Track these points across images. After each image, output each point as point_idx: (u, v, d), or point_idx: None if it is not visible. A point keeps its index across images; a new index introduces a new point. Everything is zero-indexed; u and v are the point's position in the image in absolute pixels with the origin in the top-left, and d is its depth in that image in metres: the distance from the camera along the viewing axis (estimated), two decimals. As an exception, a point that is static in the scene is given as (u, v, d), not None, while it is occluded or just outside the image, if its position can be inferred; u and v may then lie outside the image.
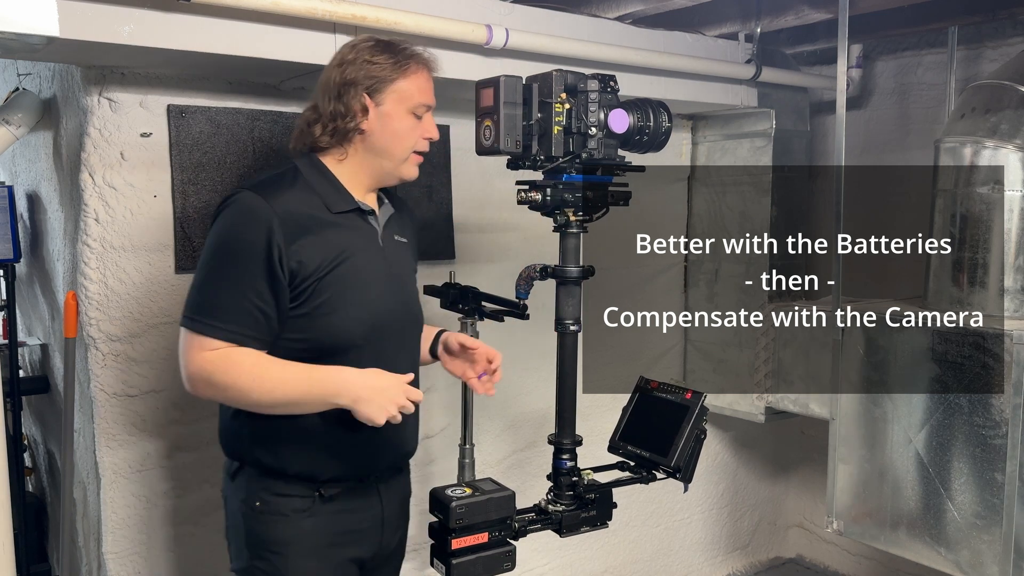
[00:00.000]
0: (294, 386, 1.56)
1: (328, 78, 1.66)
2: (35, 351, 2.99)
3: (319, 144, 1.67)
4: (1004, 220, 2.41)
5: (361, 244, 1.67)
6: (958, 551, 2.39)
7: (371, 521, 1.73)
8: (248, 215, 1.56)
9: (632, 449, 1.92)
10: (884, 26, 2.96)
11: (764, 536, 3.94)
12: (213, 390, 1.56)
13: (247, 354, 1.55)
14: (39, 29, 1.67)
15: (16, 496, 2.49)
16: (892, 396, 2.55)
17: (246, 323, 1.55)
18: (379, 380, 1.59)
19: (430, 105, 1.71)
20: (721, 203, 3.36)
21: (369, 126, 1.65)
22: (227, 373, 1.54)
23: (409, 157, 1.70)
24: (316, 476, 1.64)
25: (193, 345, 1.55)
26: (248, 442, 1.65)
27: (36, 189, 2.76)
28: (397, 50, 1.67)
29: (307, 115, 1.69)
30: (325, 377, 1.57)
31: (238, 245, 1.56)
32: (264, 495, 1.64)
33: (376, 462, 1.72)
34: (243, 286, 1.54)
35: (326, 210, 1.63)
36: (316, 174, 1.66)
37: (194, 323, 1.55)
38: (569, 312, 1.87)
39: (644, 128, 1.83)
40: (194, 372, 1.56)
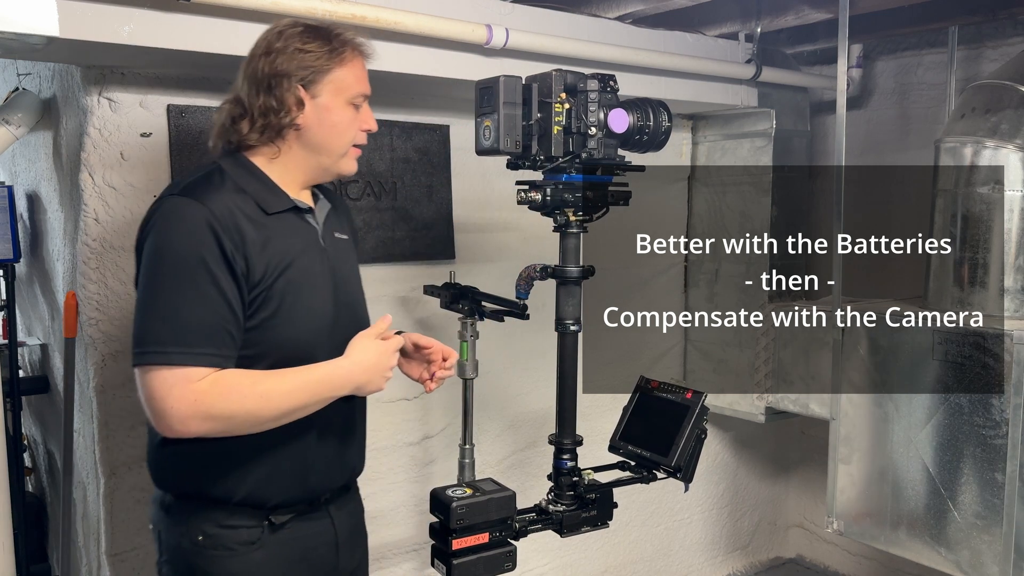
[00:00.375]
0: (300, 394, 1.45)
1: (255, 69, 1.51)
2: (35, 351, 2.99)
3: (247, 142, 1.52)
4: (1004, 220, 2.41)
5: (302, 246, 1.54)
6: (958, 551, 2.39)
7: (325, 547, 1.61)
8: (187, 222, 1.41)
9: (633, 449, 1.92)
10: (884, 26, 2.96)
11: (764, 536, 3.94)
12: (212, 423, 1.39)
13: (238, 374, 1.42)
14: (39, 29, 1.67)
15: (16, 496, 2.49)
16: (892, 396, 2.55)
17: (224, 341, 1.41)
18: (367, 356, 1.52)
19: (367, 94, 1.59)
20: (721, 203, 3.36)
21: (305, 120, 1.51)
22: (229, 400, 1.39)
23: (348, 151, 1.59)
24: (265, 502, 1.51)
25: (175, 381, 1.36)
26: (185, 470, 1.50)
27: (36, 189, 2.76)
28: (331, 36, 1.54)
29: (229, 109, 1.53)
30: (324, 377, 1.48)
31: (188, 256, 1.39)
32: (207, 527, 1.48)
33: (327, 480, 1.60)
34: (209, 300, 1.39)
35: (261, 212, 1.48)
36: (244, 173, 1.51)
37: (169, 356, 1.37)
38: (569, 312, 1.87)
39: (644, 128, 1.83)
40: (186, 410, 1.37)
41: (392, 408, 2.72)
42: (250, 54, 1.54)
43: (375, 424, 2.67)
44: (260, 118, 1.50)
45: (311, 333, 1.53)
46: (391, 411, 2.72)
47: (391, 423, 2.73)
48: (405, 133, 2.65)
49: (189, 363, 1.37)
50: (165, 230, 1.42)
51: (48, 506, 3.09)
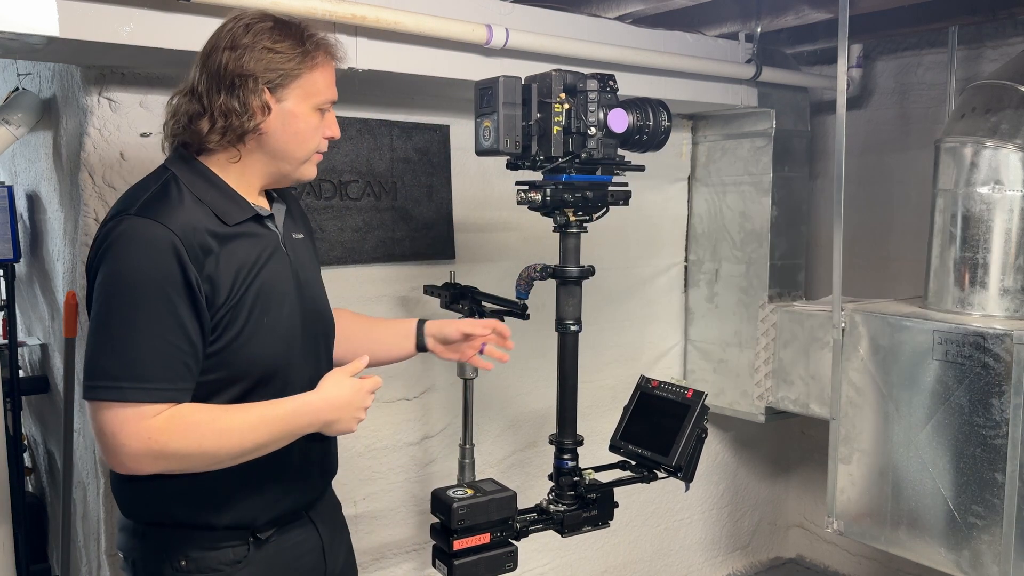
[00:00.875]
0: (263, 431, 1.36)
1: (217, 64, 1.39)
2: (35, 351, 2.99)
3: (206, 144, 1.41)
4: (1004, 220, 2.41)
5: (265, 255, 1.45)
6: (958, 551, 2.39)
7: (312, 554, 1.58)
8: (147, 244, 1.30)
9: (633, 448, 1.92)
10: (884, 26, 2.96)
11: (764, 536, 3.94)
12: (166, 462, 1.31)
13: (196, 409, 1.34)
14: (39, 29, 1.67)
15: (16, 496, 2.49)
16: (892, 396, 2.55)
17: (181, 374, 1.32)
18: (340, 393, 1.43)
19: (335, 100, 1.51)
20: (721, 203, 3.36)
21: (268, 126, 1.41)
22: (185, 438, 1.30)
23: (311, 158, 1.50)
24: (251, 523, 1.46)
25: (127, 418, 1.28)
26: (163, 503, 1.42)
27: (36, 189, 2.76)
28: (303, 36, 1.43)
29: (186, 106, 1.41)
30: (289, 413, 1.39)
31: (147, 283, 1.29)
32: (191, 551, 1.42)
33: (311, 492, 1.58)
34: (166, 331, 1.30)
35: (220, 223, 1.39)
36: (201, 181, 1.42)
37: (122, 391, 1.28)
38: (569, 312, 1.87)
39: (643, 127, 1.83)
40: (138, 449, 1.28)
41: (392, 408, 2.72)
42: (211, 45, 1.42)
43: (375, 424, 2.69)
44: (220, 119, 1.38)
45: (282, 344, 1.46)
46: (391, 411, 2.72)
47: (391, 423, 2.73)
48: (405, 133, 2.65)
49: (143, 399, 1.29)
50: (123, 254, 1.31)
51: (48, 506, 3.09)
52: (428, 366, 2.77)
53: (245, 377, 1.42)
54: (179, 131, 1.43)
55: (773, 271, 3.20)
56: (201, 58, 1.43)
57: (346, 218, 2.54)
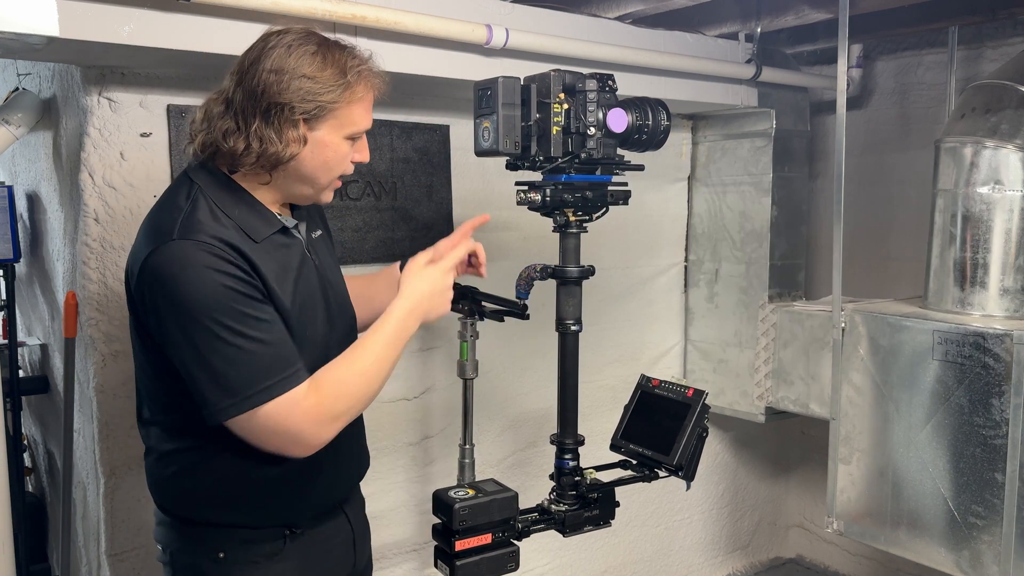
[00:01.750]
0: (389, 352, 1.46)
1: (255, 83, 1.36)
2: (35, 351, 2.99)
3: (240, 166, 1.40)
4: (1004, 220, 2.41)
5: (296, 267, 1.48)
6: (958, 551, 2.39)
7: (343, 545, 1.64)
8: (205, 265, 1.32)
9: (634, 448, 1.92)
10: (884, 26, 2.96)
11: (764, 536, 3.94)
12: (342, 420, 1.41)
13: (330, 371, 1.41)
14: (39, 29, 1.67)
15: (16, 496, 2.49)
16: (892, 396, 2.55)
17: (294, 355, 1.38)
18: (424, 286, 1.53)
19: (369, 128, 1.50)
20: (721, 203, 3.36)
21: (300, 155, 1.41)
22: (341, 396, 1.40)
23: (332, 183, 1.51)
24: (287, 522, 1.52)
25: (287, 406, 1.34)
26: (198, 502, 1.48)
27: (36, 189, 2.76)
28: (345, 65, 1.40)
29: (220, 119, 1.39)
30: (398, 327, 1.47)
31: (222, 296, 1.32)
32: (229, 546, 1.47)
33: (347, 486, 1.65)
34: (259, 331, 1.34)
35: (249, 240, 1.40)
36: (228, 196, 1.42)
37: (269, 391, 1.33)
38: (569, 312, 1.87)
39: (643, 127, 1.83)
40: (314, 424, 1.37)
41: (392, 408, 2.72)
42: (250, 58, 1.40)
43: (375, 424, 2.68)
44: (256, 143, 1.37)
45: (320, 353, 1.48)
46: (391, 411, 2.72)
47: (391, 423, 2.73)
48: (405, 133, 2.65)
49: (286, 388, 1.35)
50: (187, 282, 1.31)
51: (48, 506, 3.08)
52: (428, 366, 2.77)
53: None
54: (210, 144, 1.41)
55: (773, 271, 3.20)
56: (239, 70, 1.40)
57: (346, 218, 2.54)
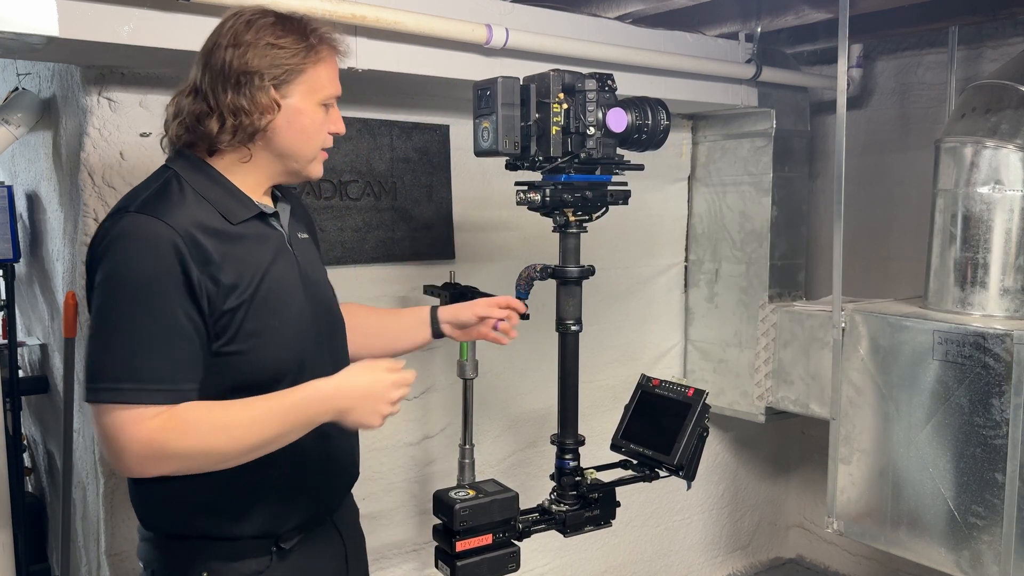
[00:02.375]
0: (269, 425, 1.31)
1: (221, 62, 1.36)
2: (35, 351, 2.99)
3: (217, 145, 1.38)
4: (1004, 220, 2.41)
5: (271, 255, 1.42)
6: (958, 551, 2.39)
7: (335, 560, 1.56)
8: (147, 242, 1.27)
9: (635, 448, 1.92)
10: (884, 26, 2.96)
11: (764, 536, 3.94)
12: (168, 462, 1.28)
13: (195, 408, 1.29)
14: (39, 29, 1.67)
15: (16, 496, 2.49)
16: (893, 396, 2.55)
17: (184, 374, 1.29)
18: (359, 381, 1.37)
19: (339, 95, 1.48)
20: (721, 203, 3.36)
21: (275, 124, 1.39)
22: (186, 437, 1.27)
23: (317, 155, 1.48)
24: (275, 532, 1.43)
25: (128, 420, 1.25)
26: (179, 513, 1.39)
27: (36, 189, 2.76)
28: (306, 31, 1.41)
29: (191, 106, 1.38)
30: (300, 400, 1.33)
31: (147, 282, 1.27)
32: (213, 564, 1.39)
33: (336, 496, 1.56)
34: (167, 330, 1.27)
35: (226, 222, 1.37)
36: (204, 179, 1.39)
37: (120, 393, 1.25)
38: (570, 312, 1.87)
39: (642, 126, 1.83)
40: (140, 451, 1.25)
41: (392, 408, 2.72)
42: (212, 42, 1.39)
43: (375, 424, 2.68)
44: (230, 117, 1.35)
45: (291, 347, 1.42)
46: (391, 411, 2.72)
47: (391, 423, 2.71)
48: (405, 133, 2.65)
49: (142, 400, 1.26)
50: (122, 252, 1.28)
51: (48, 506, 3.08)
52: (428, 366, 2.77)
53: (255, 382, 1.37)
54: (184, 132, 1.40)
55: (773, 271, 3.20)
56: (202, 57, 1.40)
57: (346, 218, 2.54)
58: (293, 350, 1.42)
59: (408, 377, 1.41)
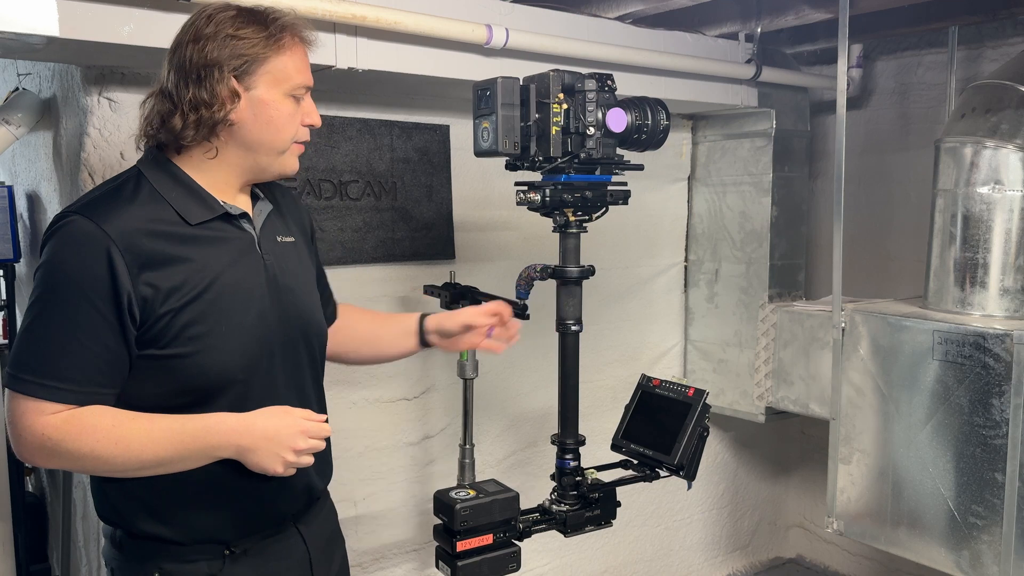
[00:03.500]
0: (164, 444, 1.30)
1: (182, 57, 1.35)
2: (35, 351, 2.99)
3: (181, 141, 1.37)
4: (1004, 220, 2.41)
5: (231, 257, 1.40)
6: (958, 551, 2.39)
7: (297, 567, 1.51)
8: (76, 244, 1.28)
9: (635, 447, 1.92)
10: (884, 26, 2.96)
11: (764, 536, 3.94)
12: (60, 460, 1.30)
13: (100, 413, 1.29)
14: (39, 29, 1.67)
15: (16, 496, 2.49)
16: (893, 396, 2.55)
17: (92, 377, 1.29)
18: (267, 423, 1.34)
19: (310, 86, 1.45)
20: (721, 203, 3.36)
21: (239, 115, 1.36)
22: (79, 439, 1.27)
23: (289, 148, 1.44)
24: (222, 538, 1.41)
25: (28, 411, 1.28)
26: (131, 509, 1.38)
27: (36, 189, 2.76)
28: (267, 20, 1.39)
29: (158, 105, 1.38)
30: (201, 428, 1.31)
31: (70, 281, 1.28)
32: (165, 564, 1.38)
33: (292, 507, 1.50)
34: (83, 331, 1.27)
35: (182, 223, 1.35)
36: (167, 179, 1.38)
37: (26, 384, 1.27)
38: (570, 312, 1.87)
39: (642, 126, 1.83)
40: (32, 442, 1.28)
41: (392, 408, 2.72)
42: (176, 41, 1.39)
43: (375, 424, 2.68)
44: (191, 112, 1.34)
45: (241, 354, 1.38)
46: (391, 411, 2.72)
47: (391, 423, 2.73)
48: (405, 133, 2.65)
49: (41, 396, 1.27)
50: (55, 252, 1.30)
51: (48, 506, 3.08)
52: (428, 366, 2.77)
53: (199, 386, 1.35)
54: (152, 132, 1.40)
55: (773, 271, 3.20)
56: (168, 55, 1.39)
57: (346, 218, 2.54)
58: (243, 356, 1.39)
59: (321, 430, 1.38)
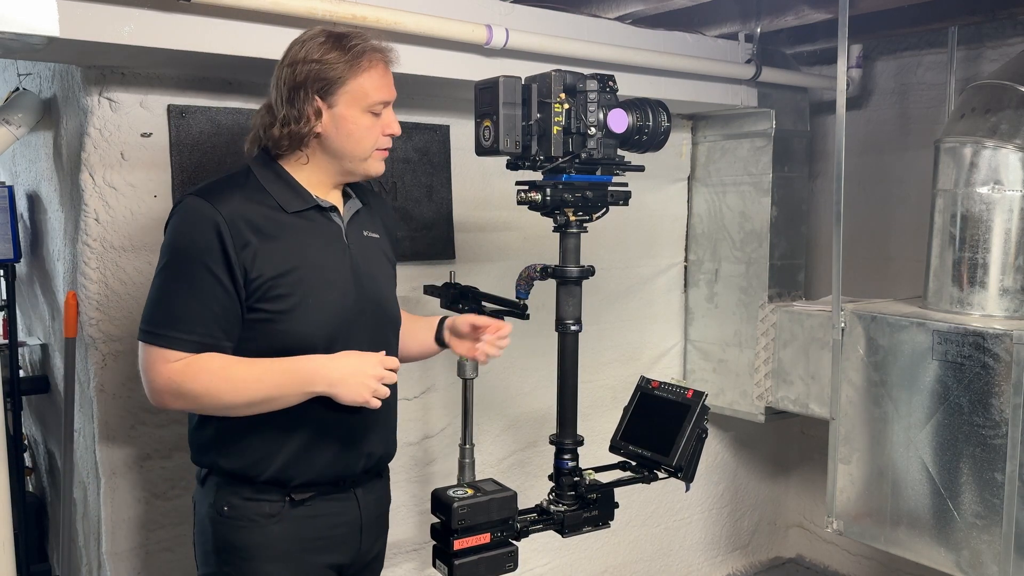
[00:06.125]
0: (267, 382, 1.53)
1: (279, 79, 1.61)
2: (35, 351, 2.99)
3: (279, 149, 1.63)
4: (1004, 220, 2.41)
5: (322, 243, 1.64)
6: (958, 551, 2.39)
7: (348, 527, 1.69)
8: (194, 219, 1.54)
9: (633, 449, 1.92)
10: (884, 26, 2.97)
11: (764, 536, 3.94)
12: (183, 401, 1.54)
13: (213, 358, 1.53)
14: (39, 29, 1.67)
15: (16, 496, 2.49)
16: (892, 396, 2.55)
17: (208, 330, 1.53)
18: (350, 359, 1.57)
19: (388, 101, 1.66)
20: (721, 203, 3.36)
21: (323, 129, 1.61)
22: (196, 380, 1.51)
23: (371, 155, 1.66)
24: (287, 482, 1.61)
25: (157, 359, 1.53)
26: (215, 449, 1.62)
27: (36, 189, 2.76)
28: (348, 46, 1.59)
29: (263, 118, 1.65)
30: (296, 367, 1.54)
31: (189, 250, 1.53)
32: (233, 500, 1.61)
33: (351, 467, 1.68)
34: (201, 291, 1.52)
35: (281, 210, 1.60)
36: (270, 174, 1.63)
37: (154, 336, 1.52)
38: (569, 312, 1.87)
39: (643, 128, 1.83)
40: (161, 386, 1.53)
41: (392, 408, 2.72)
42: (278, 62, 1.63)
43: (375, 424, 2.68)
44: (285, 127, 1.59)
45: (325, 326, 1.59)
46: (391, 411, 2.72)
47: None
48: (405, 133, 2.63)
49: (166, 345, 1.52)
50: (176, 226, 1.56)
51: (48, 506, 3.09)
52: (428, 366, 2.77)
53: (283, 349, 1.56)
54: (258, 139, 1.66)
55: (773, 271, 3.20)
56: (273, 75, 1.63)
57: (346, 218, 2.54)
58: (325, 327, 1.60)
59: (392, 362, 1.59)
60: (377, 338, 1.69)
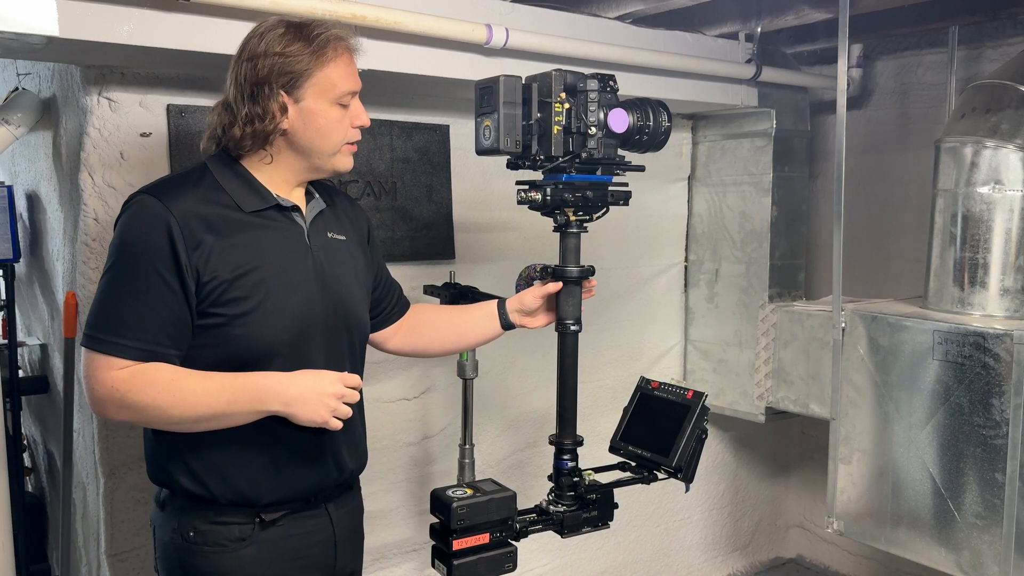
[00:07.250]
0: (217, 397, 1.42)
1: (237, 74, 1.50)
2: (35, 351, 2.99)
3: (241, 149, 1.53)
4: (1004, 220, 2.41)
5: (282, 244, 1.53)
6: (958, 551, 2.39)
7: (322, 545, 1.61)
8: (144, 218, 1.44)
9: (633, 449, 1.92)
10: (884, 26, 2.96)
11: (764, 536, 3.94)
12: (127, 412, 1.43)
13: (161, 369, 1.43)
14: (39, 29, 1.67)
15: (16, 496, 2.49)
16: (893, 396, 2.55)
17: (156, 337, 1.43)
18: (307, 377, 1.47)
19: (356, 91, 1.57)
20: (721, 203, 3.36)
21: (290, 125, 1.51)
22: (142, 391, 1.41)
23: (340, 150, 1.58)
24: (256, 501, 1.51)
25: (99, 366, 1.42)
26: (175, 469, 1.50)
27: (36, 189, 2.76)
28: (312, 36, 1.50)
29: (221, 117, 1.53)
30: (250, 383, 1.44)
31: (137, 251, 1.43)
32: (198, 524, 1.50)
33: (321, 481, 1.59)
34: (148, 296, 1.42)
35: (238, 210, 1.50)
36: (228, 172, 1.53)
37: (97, 342, 1.42)
38: (569, 312, 1.86)
39: (644, 127, 1.83)
40: (103, 395, 1.42)
41: (392, 408, 2.72)
42: (234, 57, 1.53)
43: (375, 424, 2.68)
44: (248, 126, 1.49)
45: (283, 330, 1.50)
46: (391, 411, 2.72)
47: (391, 423, 2.73)
48: (405, 133, 2.65)
49: (111, 352, 1.42)
50: (125, 226, 1.46)
51: (48, 506, 3.08)
52: (428, 366, 2.77)
53: (242, 355, 1.47)
54: (216, 138, 1.56)
55: (773, 271, 3.20)
56: (229, 71, 1.53)
57: (346, 218, 2.53)
58: (286, 332, 1.50)
59: (353, 379, 1.51)
60: (343, 344, 1.62)
